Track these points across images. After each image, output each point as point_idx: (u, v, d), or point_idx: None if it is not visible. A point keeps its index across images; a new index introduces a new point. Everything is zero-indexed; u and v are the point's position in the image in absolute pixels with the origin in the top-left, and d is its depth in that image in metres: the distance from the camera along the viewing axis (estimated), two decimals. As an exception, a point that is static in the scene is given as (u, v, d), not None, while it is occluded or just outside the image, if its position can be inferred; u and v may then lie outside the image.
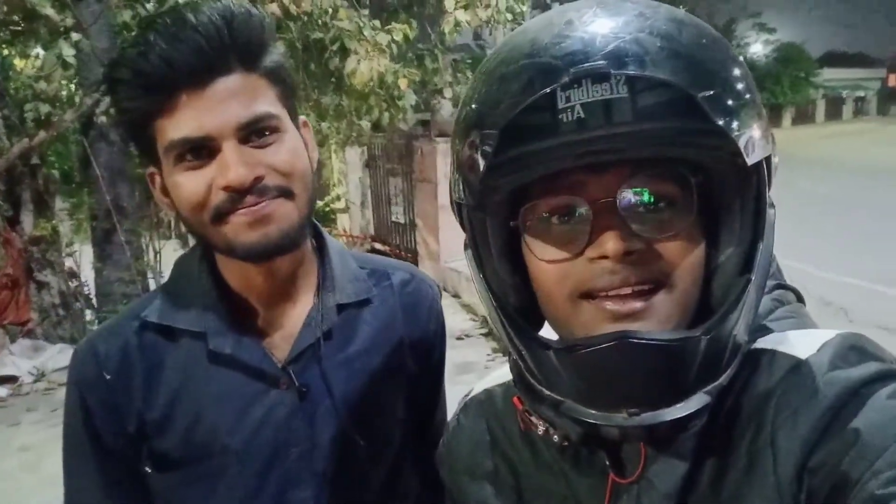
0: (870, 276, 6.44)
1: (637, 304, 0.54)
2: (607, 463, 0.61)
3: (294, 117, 0.85)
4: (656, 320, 0.54)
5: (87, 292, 6.02)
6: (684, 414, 0.53)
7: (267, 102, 0.80)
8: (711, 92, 0.49)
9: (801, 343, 0.57)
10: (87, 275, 5.93)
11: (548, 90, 0.49)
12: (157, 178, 0.84)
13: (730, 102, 0.51)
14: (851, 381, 0.52)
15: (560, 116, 0.49)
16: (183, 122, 0.76)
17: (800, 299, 0.68)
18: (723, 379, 0.54)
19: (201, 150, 0.77)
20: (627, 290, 0.54)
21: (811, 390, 0.53)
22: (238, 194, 0.77)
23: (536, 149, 0.51)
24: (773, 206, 0.57)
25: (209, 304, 0.88)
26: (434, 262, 7.35)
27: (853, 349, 0.55)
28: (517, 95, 0.52)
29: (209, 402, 0.87)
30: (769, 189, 0.57)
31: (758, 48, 38.66)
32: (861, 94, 43.36)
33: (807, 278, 5.86)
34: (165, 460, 0.88)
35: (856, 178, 13.38)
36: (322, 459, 0.90)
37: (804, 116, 36.97)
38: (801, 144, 20.72)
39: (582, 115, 0.49)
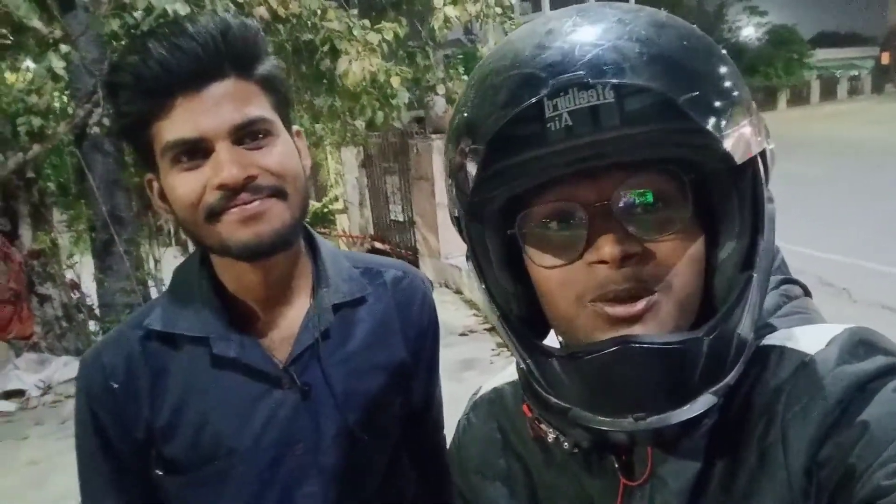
0: (871, 255, 6.44)
1: (637, 307, 0.54)
2: (616, 466, 0.62)
3: (288, 126, 0.88)
4: (658, 322, 0.54)
5: (89, 303, 6.02)
6: (691, 416, 0.53)
7: (260, 107, 0.82)
8: (694, 94, 0.49)
9: (809, 338, 0.57)
10: (89, 286, 5.94)
11: (533, 101, 0.50)
12: (155, 184, 0.87)
13: (714, 102, 0.51)
14: (859, 375, 0.52)
15: (548, 125, 0.50)
16: (179, 125, 0.79)
17: (806, 293, 0.67)
18: (729, 378, 0.54)
19: (196, 151, 0.80)
20: (628, 294, 0.54)
21: (820, 386, 0.53)
22: (231, 192, 0.80)
23: (526, 158, 0.52)
24: (772, 200, 0.56)
25: (210, 309, 0.90)
26: (435, 259, 7.36)
27: (861, 343, 0.55)
28: (501, 108, 0.52)
29: (214, 406, 0.89)
30: (767, 183, 0.57)
31: (750, 31, 38.66)
32: (855, 73, 43.32)
33: (806, 260, 5.87)
34: (173, 464, 0.90)
35: (852, 157, 13.38)
36: (327, 455, 0.92)
37: (799, 98, 36.94)
38: (796, 125, 20.71)
39: (570, 122, 0.49)
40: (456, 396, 1.04)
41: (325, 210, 10.20)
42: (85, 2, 4.38)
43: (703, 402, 0.53)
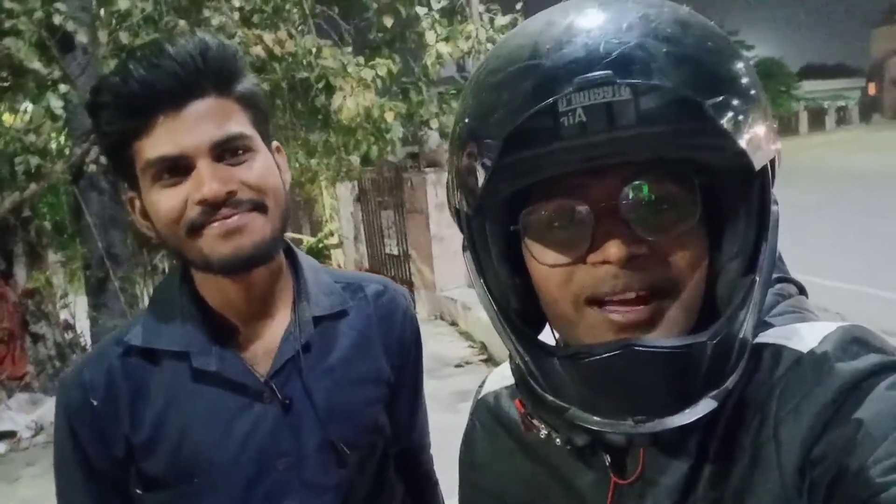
0: (866, 280, 6.47)
1: (642, 311, 0.53)
2: (608, 465, 0.61)
3: (267, 141, 0.89)
4: (662, 326, 0.54)
5: (82, 343, 5.98)
6: (691, 420, 0.52)
7: (239, 124, 0.84)
8: (720, 98, 0.49)
9: (802, 337, 0.57)
10: (83, 325, 5.90)
11: (553, 99, 0.48)
12: (137, 202, 0.88)
13: (737, 105, 0.50)
14: (853, 373, 0.52)
15: (562, 120, 0.48)
16: (160, 142, 0.80)
17: (802, 291, 0.67)
18: (729, 382, 0.53)
19: (177, 168, 0.81)
20: (632, 295, 0.53)
21: (813, 384, 0.52)
22: (212, 208, 0.81)
23: (538, 153, 0.50)
24: (776, 203, 0.56)
25: (191, 323, 0.90)
26: (430, 292, 7.35)
27: (854, 341, 0.54)
28: (520, 102, 0.50)
29: (194, 421, 0.89)
30: (773, 185, 0.56)
31: (737, 64, 39.27)
32: (842, 103, 44.01)
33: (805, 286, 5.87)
34: (154, 481, 0.89)
35: (842, 184, 13.52)
36: (309, 469, 0.91)
37: (788, 128, 37.52)
38: (786, 155, 20.91)
39: (584, 118, 0.48)
40: (452, 426, 1.04)
41: (321, 245, 10.22)
42: (84, 43, 4.45)
43: (704, 407, 0.52)
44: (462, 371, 5.36)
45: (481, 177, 0.53)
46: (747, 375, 0.56)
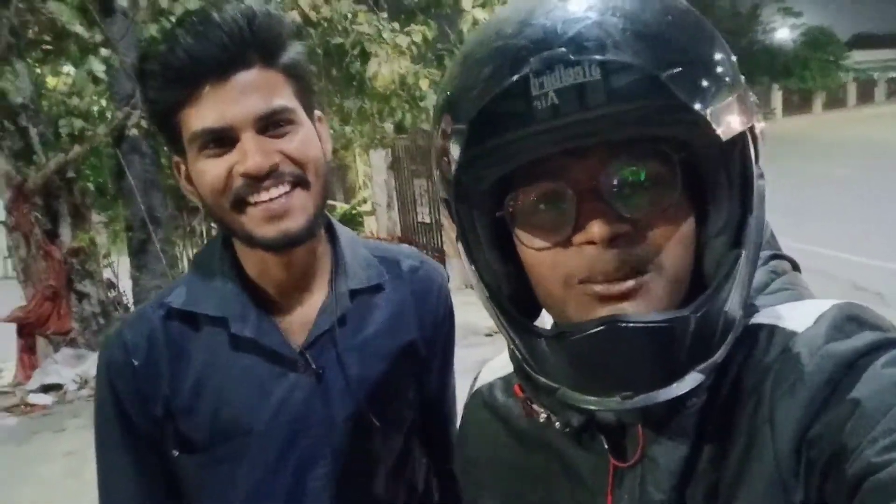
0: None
1: (626, 285, 0.53)
2: (606, 447, 0.61)
3: (310, 112, 0.90)
4: (649, 300, 0.54)
5: (125, 301, 6.17)
6: (678, 394, 0.52)
7: (284, 96, 0.85)
8: (676, 70, 0.48)
9: (797, 316, 0.56)
10: (125, 284, 6.08)
11: (514, 78, 0.49)
12: (183, 167, 0.89)
13: (698, 78, 0.50)
14: (848, 352, 0.51)
15: (534, 104, 0.49)
16: (206, 113, 0.82)
17: (795, 268, 0.67)
18: (717, 356, 0.53)
19: (223, 139, 0.83)
20: (618, 274, 0.53)
21: (808, 364, 0.52)
22: (255, 180, 0.82)
23: (512, 138, 0.51)
24: (762, 177, 0.56)
25: (230, 291, 0.92)
26: (461, 261, 7.37)
27: (849, 319, 0.54)
28: (484, 85, 0.51)
29: (232, 386, 0.91)
30: (757, 160, 0.56)
31: (784, 33, 37.88)
32: (894, 75, 42.19)
33: (838, 263, 5.76)
34: (191, 443, 0.92)
35: (889, 159, 13.05)
36: (338, 439, 0.94)
37: (835, 101, 36.08)
38: (831, 128, 20.23)
39: (556, 101, 0.48)
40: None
41: (354, 212, 10.30)
42: (124, 7, 4.51)
43: (691, 381, 0.52)
44: (491, 340, 5.40)
45: (454, 164, 0.54)
46: (743, 356, 0.56)
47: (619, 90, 0.48)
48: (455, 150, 0.54)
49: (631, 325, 0.52)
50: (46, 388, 5.31)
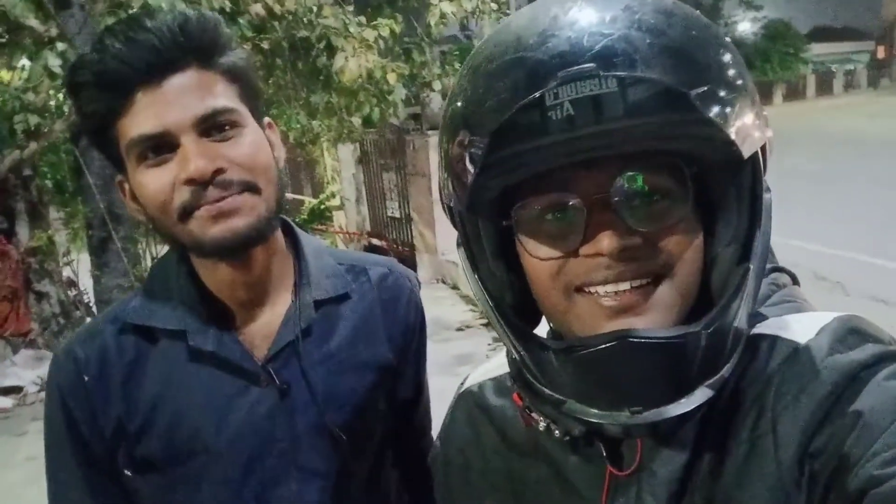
0: (865, 248, 6.47)
1: (633, 296, 0.53)
2: (604, 455, 0.61)
3: (258, 118, 0.86)
4: (657, 313, 0.54)
5: (86, 300, 6.02)
6: (688, 409, 0.52)
7: (225, 97, 0.81)
8: (705, 88, 0.49)
9: (799, 327, 0.56)
10: (86, 283, 5.93)
11: (539, 94, 0.48)
12: (126, 186, 0.85)
13: (723, 95, 0.50)
14: (851, 365, 0.51)
15: (549, 114, 0.48)
16: (141, 120, 0.78)
17: (795, 281, 0.67)
18: (724, 371, 0.54)
19: (161, 147, 0.79)
20: (625, 286, 0.54)
21: (811, 376, 0.52)
22: (200, 188, 0.78)
23: (527, 148, 0.50)
24: (769, 190, 0.56)
25: (188, 303, 0.88)
26: (431, 255, 7.37)
27: (851, 332, 0.54)
28: (505, 97, 0.50)
29: (190, 402, 0.87)
30: (765, 172, 0.56)
31: (745, 26, 38.63)
32: (851, 67, 43.30)
33: (800, 253, 5.89)
34: (147, 463, 0.88)
35: (850, 151, 13.40)
36: (305, 455, 0.90)
37: (795, 92, 36.95)
38: (792, 120, 20.73)
39: (572, 112, 0.48)
40: (451, 389, 1.06)
41: (322, 207, 10.21)
42: (81, 0, 4.38)
43: (700, 396, 0.52)
44: (462, 335, 5.42)
45: (470, 174, 0.54)
46: (744, 366, 0.56)
47: (638, 103, 0.48)
48: (472, 161, 0.53)
49: (643, 340, 0.51)
50: (6, 391, 5.17)
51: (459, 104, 0.56)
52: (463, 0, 5.90)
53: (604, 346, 0.52)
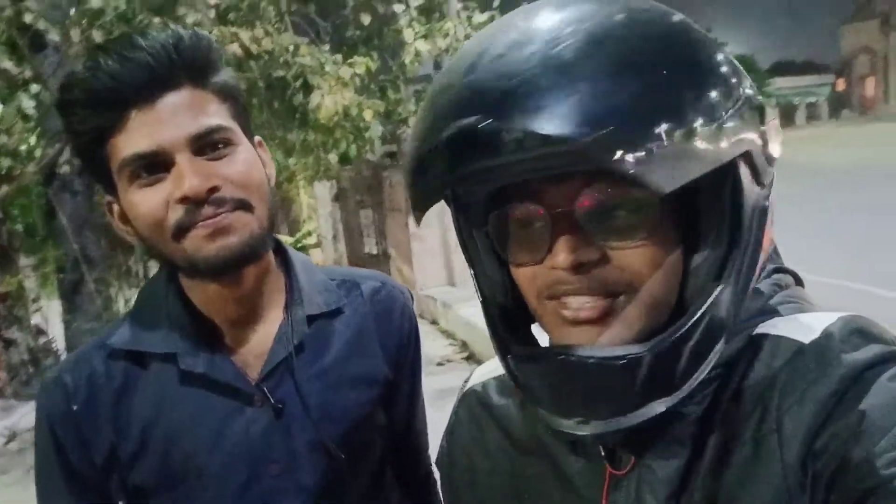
0: (835, 272, 6.59)
1: (594, 309, 0.54)
2: (602, 454, 0.62)
3: (249, 136, 0.86)
4: (619, 328, 0.54)
5: (55, 348, 5.87)
6: (635, 423, 0.53)
7: (219, 116, 0.81)
8: (605, 131, 0.45)
9: (802, 327, 0.56)
10: (55, 330, 5.80)
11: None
12: (115, 207, 0.84)
13: (625, 137, 0.45)
14: (855, 365, 0.51)
15: (502, 135, 0.47)
16: (135, 138, 0.77)
17: (798, 282, 0.67)
18: (685, 387, 0.53)
19: (155, 165, 0.78)
20: (585, 300, 0.54)
21: (815, 375, 0.52)
22: (195, 206, 0.77)
23: (479, 168, 0.49)
24: (768, 197, 0.56)
25: (178, 325, 0.87)
26: (410, 291, 7.35)
27: (855, 332, 0.54)
28: (440, 124, 0.51)
29: (184, 425, 0.86)
30: (762, 183, 0.56)
31: (710, 62, 39.84)
32: (812, 100, 44.81)
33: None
34: (140, 489, 0.87)
35: (818, 179, 13.76)
36: (302, 474, 0.89)
37: (760, 125, 37.95)
38: (759, 152, 21.16)
39: (521, 136, 0.47)
40: (433, 422, 1.04)
41: (299, 245, 10.16)
42: (56, 42, 4.37)
43: (648, 412, 0.53)
44: (444, 369, 5.38)
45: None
46: (746, 365, 0.57)
47: (544, 146, 0.47)
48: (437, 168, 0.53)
49: (575, 358, 0.52)
50: (-29, 444, 4.97)
51: (418, 123, 0.57)
52: (437, 38, 6.01)
53: (545, 360, 0.55)
